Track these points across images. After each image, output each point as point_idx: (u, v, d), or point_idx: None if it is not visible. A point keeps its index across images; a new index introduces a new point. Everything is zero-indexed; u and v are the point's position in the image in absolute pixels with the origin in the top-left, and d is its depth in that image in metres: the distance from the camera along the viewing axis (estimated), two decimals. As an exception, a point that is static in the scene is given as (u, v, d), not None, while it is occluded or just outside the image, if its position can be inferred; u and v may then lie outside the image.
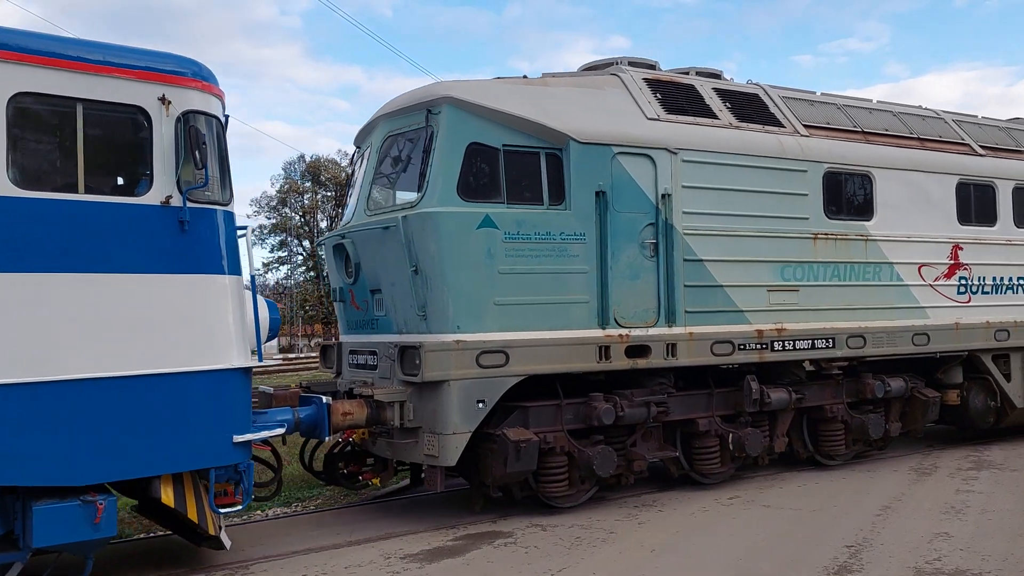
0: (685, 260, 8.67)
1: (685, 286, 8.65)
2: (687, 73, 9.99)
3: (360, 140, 9.22)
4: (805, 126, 9.94)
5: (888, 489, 8.95)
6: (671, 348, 8.52)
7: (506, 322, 7.70)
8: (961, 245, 10.78)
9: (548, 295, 7.92)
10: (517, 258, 7.78)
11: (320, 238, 8.67)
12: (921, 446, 11.53)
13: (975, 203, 11.04)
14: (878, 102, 11.28)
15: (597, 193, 8.20)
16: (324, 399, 7.26)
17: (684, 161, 8.73)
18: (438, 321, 7.51)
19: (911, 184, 10.43)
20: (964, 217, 10.89)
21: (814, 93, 10.77)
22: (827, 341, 9.56)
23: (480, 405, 7.52)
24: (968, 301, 10.82)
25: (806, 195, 9.57)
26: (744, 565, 6.41)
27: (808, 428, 10.15)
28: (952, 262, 10.69)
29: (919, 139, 10.86)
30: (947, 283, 10.63)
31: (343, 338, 9.07)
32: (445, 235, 7.47)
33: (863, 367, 10.32)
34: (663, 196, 8.56)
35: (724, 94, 9.71)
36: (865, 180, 10.07)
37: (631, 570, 6.39)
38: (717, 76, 10.20)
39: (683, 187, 8.71)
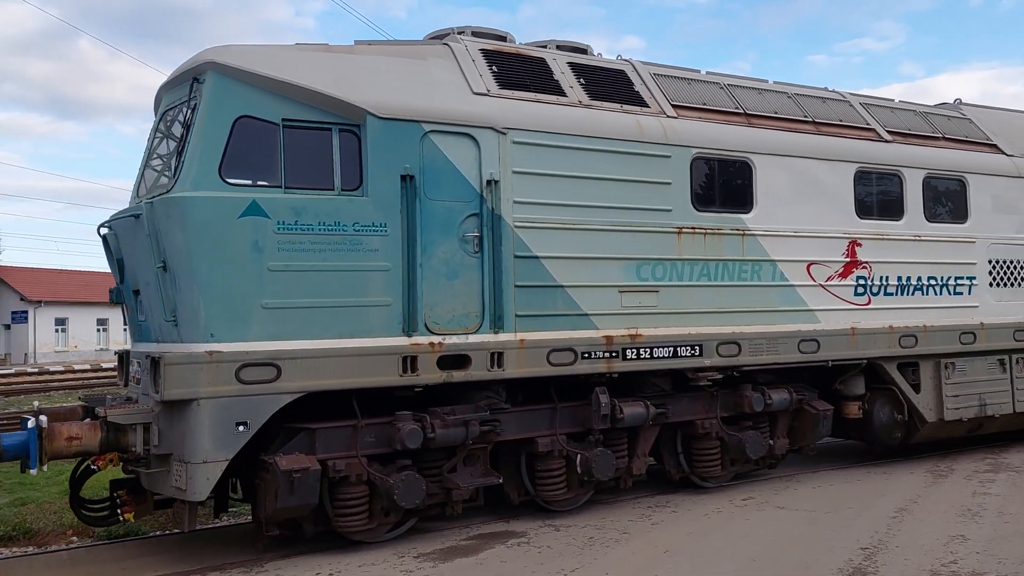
0: (517, 257, 7.40)
1: (516, 286, 7.38)
2: (545, 47, 8.73)
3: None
4: (674, 106, 8.68)
5: (904, 491, 8.76)
6: (497, 358, 7.25)
7: (278, 329, 6.42)
8: (860, 241, 9.53)
9: (337, 296, 6.64)
10: (295, 252, 6.50)
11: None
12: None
13: (878, 194, 9.79)
14: (775, 83, 10.03)
15: (404, 177, 6.93)
16: (37, 420, 5.96)
17: (515, 143, 7.47)
18: (188, 328, 6.23)
19: (800, 173, 9.18)
20: (864, 210, 9.64)
21: (698, 72, 9.52)
22: (693, 348, 8.30)
23: (241, 428, 6.24)
24: (868, 303, 9.57)
25: (669, 184, 8.31)
26: (757, 567, 6.28)
27: (684, 446, 8.91)
28: (848, 260, 9.44)
29: (814, 123, 9.61)
30: (842, 283, 9.38)
31: (129, 346, 7.78)
32: (195, 224, 6.19)
33: (746, 377, 9.10)
34: (489, 183, 7.30)
35: (580, 69, 8.44)
36: (743, 167, 8.81)
37: (644, 571, 6.25)
38: (582, 51, 8.94)
39: (514, 173, 7.45)
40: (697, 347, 8.32)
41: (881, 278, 9.68)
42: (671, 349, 8.17)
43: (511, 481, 7.93)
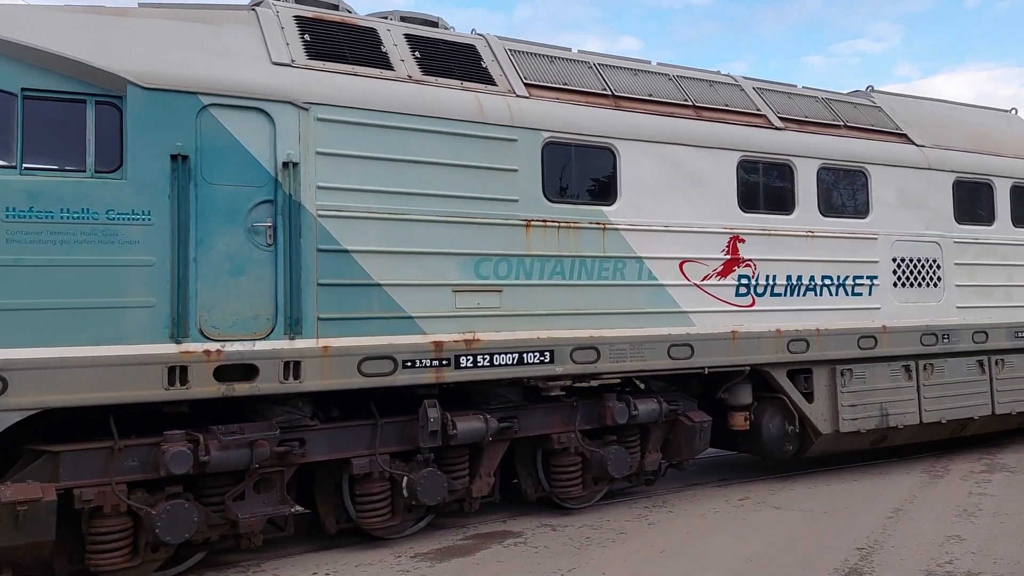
0: (321, 250, 6.38)
1: (320, 284, 6.36)
2: (386, 18, 7.72)
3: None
4: (528, 85, 7.69)
5: (900, 491, 8.69)
6: (293, 367, 6.21)
7: (4, 334, 5.35)
8: (742, 237, 8.57)
9: (84, 296, 5.58)
10: (28, 245, 5.44)
11: None
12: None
13: (765, 186, 8.85)
14: (659, 64, 9.06)
15: (175, 158, 5.88)
16: None
17: (320, 120, 6.44)
18: None
19: (673, 161, 8.20)
20: (749, 203, 8.68)
21: (569, 51, 8.53)
22: (543, 355, 7.30)
23: (-49, 452, 5.18)
24: (751, 305, 8.61)
25: (516, 171, 7.32)
26: (754, 567, 6.24)
27: (546, 463, 7.92)
28: (729, 257, 8.48)
29: (694, 107, 8.65)
30: (722, 283, 8.42)
31: None
32: None
33: (626, 385, 8.17)
34: (286, 165, 6.27)
35: (418, 42, 7.43)
36: (605, 155, 7.83)
37: (640, 571, 6.20)
38: (432, 24, 7.93)
39: (319, 154, 6.42)
40: (547, 353, 7.32)
41: (768, 277, 8.72)
42: (516, 356, 7.17)
43: (329, 507, 6.90)
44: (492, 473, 7.43)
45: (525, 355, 7.20)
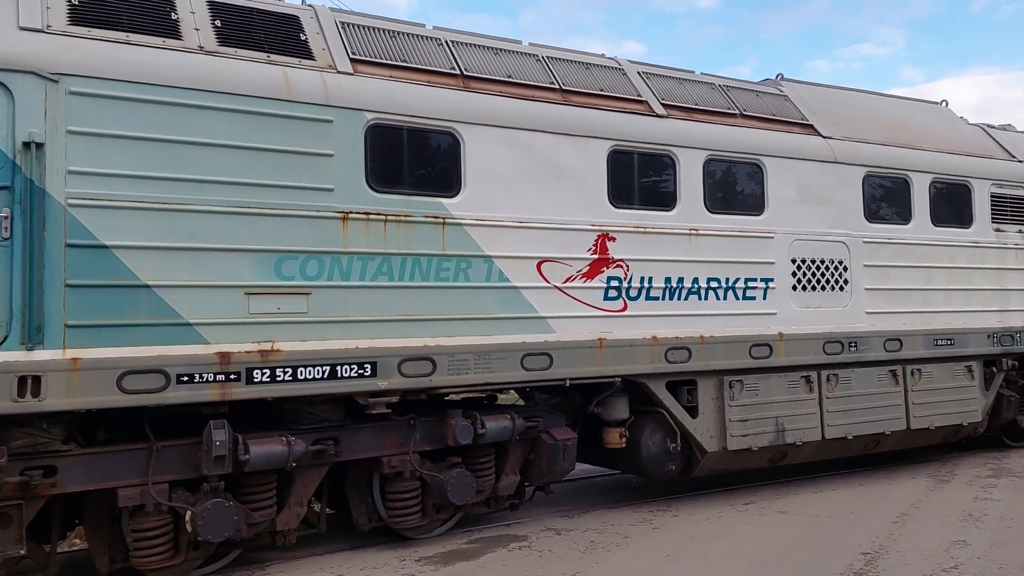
0: (71, 245, 5.38)
1: (68, 286, 5.36)
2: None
3: None
4: (355, 60, 6.72)
5: (905, 496, 8.58)
6: (31, 383, 5.21)
7: None
8: (613, 235, 7.62)
9: None
10: None
11: None
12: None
13: (642, 179, 7.91)
14: (530, 44, 8.12)
15: None
16: None
17: (73, 93, 5.45)
18: None
19: (531, 150, 7.26)
20: (622, 197, 7.74)
21: (423, 27, 7.57)
22: (362, 367, 6.32)
23: None
24: (623, 310, 7.66)
25: (331, 156, 6.34)
26: (759, 571, 6.16)
27: (384, 488, 6.94)
28: (597, 257, 7.53)
29: (561, 91, 7.70)
30: (588, 285, 7.47)
31: None
32: None
33: (485, 398, 7.26)
34: (27, 145, 5.27)
35: (223, 10, 6.44)
36: (447, 139, 6.88)
37: (645, 575, 6.12)
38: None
39: (70, 133, 5.43)
40: (368, 365, 6.35)
41: (643, 279, 7.77)
42: (327, 368, 6.19)
43: (100, 544, 5.90)
44: (304, 503, 6.43)
45: (339, 368, 6.22)
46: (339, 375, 6.22)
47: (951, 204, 10.18)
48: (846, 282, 9.15)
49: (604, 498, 8.77)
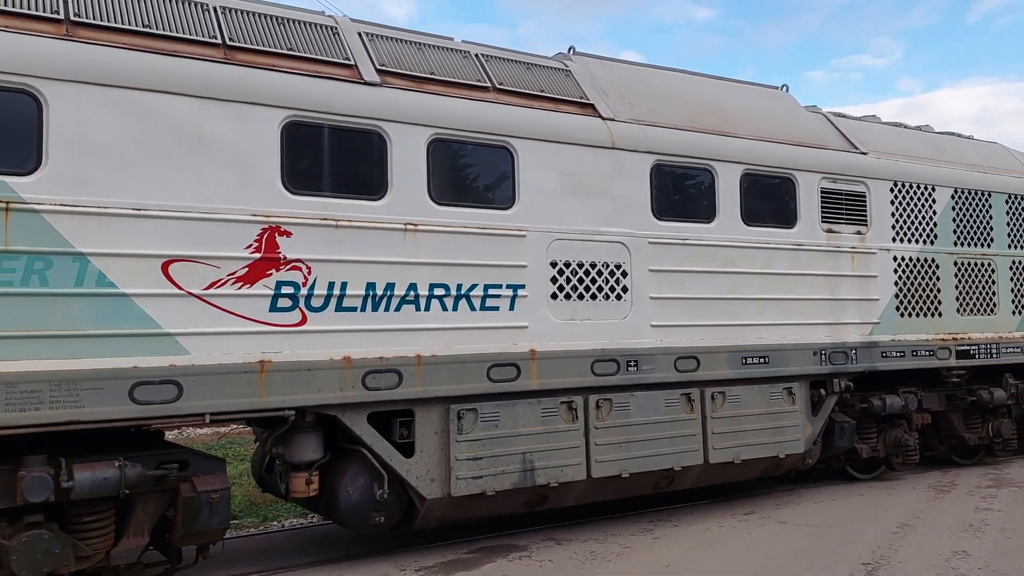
0: None
1: None
2: None
3: None
4: None
5: (906, 506, 8.50)
6: None
7: None
8: (287, 228, 5.96)
9: None
10: None
11: None
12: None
13: (335, 160, 6.27)
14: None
15: None
16: None
17: None
18: None
19: (160, 117, 5.60)
20: (302, 181, 6.12)
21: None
22: None
23: None
24: (301, 323, 5.99)
25: None
26: None
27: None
28: (260, 256, 5.85)
29: (224, 46, 6.03)
30: (244, 292, 5.79)
31: None
32: None
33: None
34: None
35: None
36: (19, 100, 5.15)
37: None
38: None
39: None
40: None
41: (331, 286, 6.11)
42: None
43: None
44: None
45: None
46: None
47: (769, 200, 8.64)
48: (625, 290, 7.55)
49: (604, 508, 8.25)
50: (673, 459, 7.67)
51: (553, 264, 7.17)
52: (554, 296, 7.16)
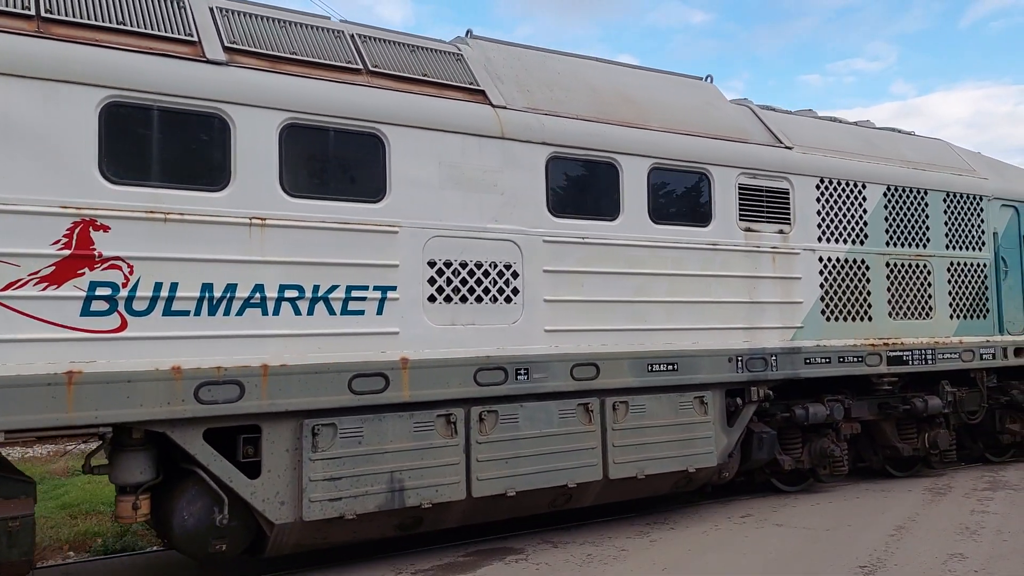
0: None
1: None
2: None
3: None
4: None
5: (902, 509, 8.41)
6: None
7: None
8: (104, 222, 5.27)
9: None
10: None
11: None
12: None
13: (165, 145, 5.56)
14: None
15: None
16: None
17: None
18: None
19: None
20: (126, 170, 5.42)
21: None
22: None
23: None
24: (120, 329, 5.30)
25: None
26: None
27: None
28: (70, 253, 5.16)
29: (37, 18, 5.32)
30: (50, 294, 5.10)
31: None
32: None
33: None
34: None
35: None
36: None
37: None
38: None
39: None
40: None
41: (158, 287, 5.42)
42: None
43: None
44: None
45: None
46: None
47: (680, 197, 8.03)
48: (516, 292, 6.91)
49: (600, 511, 8.18)
50: (568, 475, 7.03)
51: (431, 264, 6.51)
52: (432, 299, 6.50)
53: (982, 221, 10.57)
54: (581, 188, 7.44)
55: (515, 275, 6.92)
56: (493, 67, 7.50)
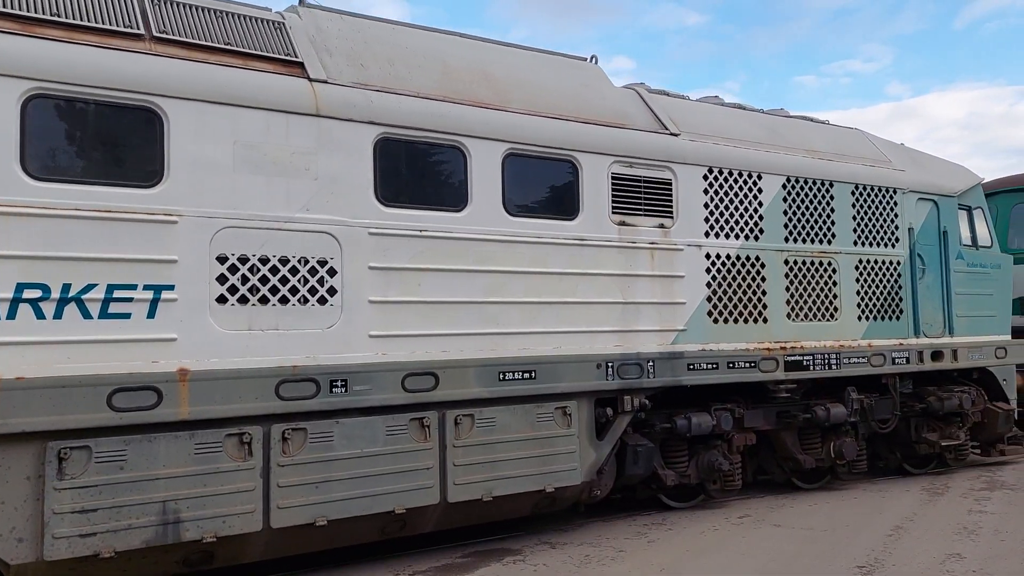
0: None
1: None
2: None
3: None
4: None
5: (900, 509, 8.33)
6: None
7: None
8: None
9: None
10: None
11: None
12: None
13: None
14: None
15: None
16: None
17: None
18: None
19: None
20: None
21: None
22: None
23: None
24: None
25: None
26: None
27: None
28: None
29: None
30: None
31: None
32: None
33: None
34: None
35: None
36: None
37: None
38: None
39: None
40: None
41: None
42: None
43: None
44: None
45: None
46: None
47: (542, 186, 7.18)
48: (332, 292, 6.01)
49: (598, 512, 8.20)
50: (395, 500, 6.14)
51: (221, 259, 5.59)
52: (222, 300, 5.58)
53: (896, 216, 9.81)
54: (420, 175, 6.56)
55: (332, 272, 6.02)
56: (323, 38, 6.59)
